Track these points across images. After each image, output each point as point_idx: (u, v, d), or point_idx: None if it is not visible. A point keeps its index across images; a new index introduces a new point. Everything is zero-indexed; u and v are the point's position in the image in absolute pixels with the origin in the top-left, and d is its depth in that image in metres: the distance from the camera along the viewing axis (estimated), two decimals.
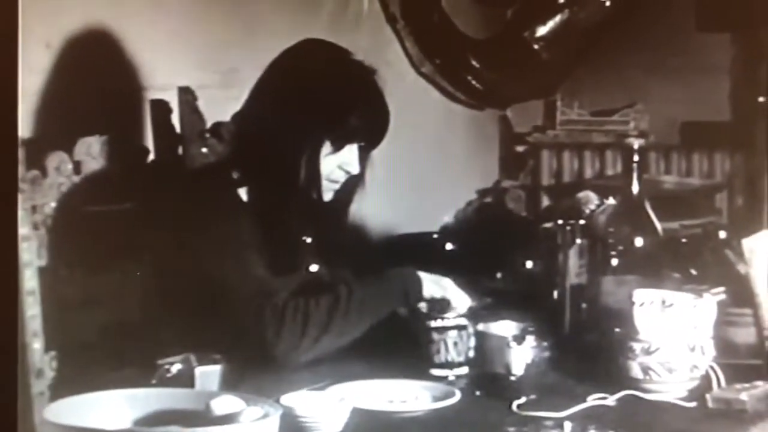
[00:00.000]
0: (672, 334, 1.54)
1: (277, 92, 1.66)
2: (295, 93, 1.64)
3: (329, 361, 1.60)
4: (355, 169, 1.68)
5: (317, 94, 1.64)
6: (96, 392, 1.26)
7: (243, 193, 1.69)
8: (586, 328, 1.70)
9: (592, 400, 1.49)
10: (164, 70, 2.12)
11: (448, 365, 1.60)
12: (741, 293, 1.69)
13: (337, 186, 1.69)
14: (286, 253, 1.67)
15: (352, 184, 1.71)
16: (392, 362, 1.60)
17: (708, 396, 1.51)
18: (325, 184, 1.67)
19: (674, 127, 3.20)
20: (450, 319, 1.61)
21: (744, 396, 1.48)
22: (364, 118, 1.66)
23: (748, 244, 1.67)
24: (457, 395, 1.49)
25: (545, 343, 1.53)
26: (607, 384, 1.53)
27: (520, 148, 3.29)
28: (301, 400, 1.35)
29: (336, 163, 1.67)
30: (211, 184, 1.70)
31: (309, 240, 1.73)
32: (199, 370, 1.40)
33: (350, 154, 1.67)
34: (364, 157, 1.69)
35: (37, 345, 1.61)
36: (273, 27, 2.39)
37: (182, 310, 1.59)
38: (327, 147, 1.65)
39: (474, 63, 3.06)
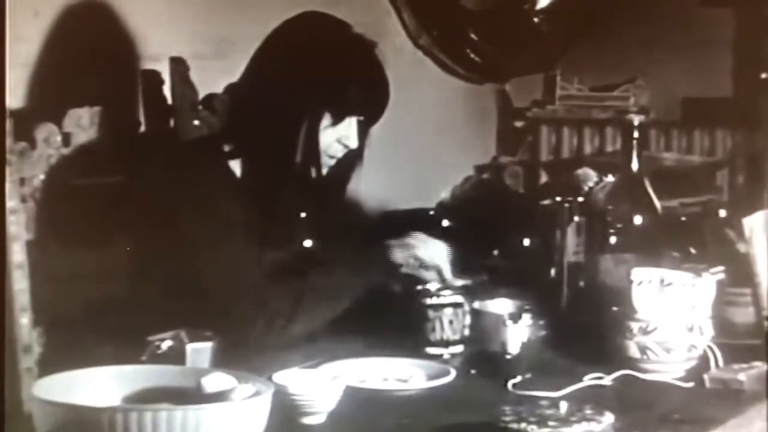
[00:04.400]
0: (670, 314, 1.53)
1: (276, 63, 1.65)
2: (294, 64, 1.63)
3: (323, 339, 1.58)
4: (353, 144, 1.66)
5: (317, 66, 1.63)
6: (85, 368, 1.24)
7: (236, 167, 1.67)
8: (583, 307, 1.69)
9: (589, 379, 1.48)
10: (156, 39, 2.09)
11: (443, 343, 1.59)
12: (740, 273, 1.69)
13: (334, 161, 1.67)
14: (279, 228, 1.66)
15: (349, 161, 1.70)
16: (386, 340, 1.58)
17: (705, 376, 1.50)
18: (323, 158, 1.65)
19: (675, 104, 3.17)
20: (446, 297, 1.60)
21: (742, 376, 1.48)
22: (363, 91, 1.65)
23: (749, 223, 1.66)
24: (452, 374, 1.49)
25: (542, 322, 1.53)
26: (604, 363, 1.52)
27: (518, 124, 3.26)
28: (293, 378, 1.34)
29: (335, 137, 1.66)
30: (203, 158, 1.68)
31: (304, 215, 1.72)
32: (190, 347, 1.38)
33: (349, 127, 1.66)
34: (363, 133, 1.68)
35: (24, 320, 1.59)
36: None
37: (172, 286, 1.58)
38: (326, 119, 1.64)
39: (473, 35, 3.02)
